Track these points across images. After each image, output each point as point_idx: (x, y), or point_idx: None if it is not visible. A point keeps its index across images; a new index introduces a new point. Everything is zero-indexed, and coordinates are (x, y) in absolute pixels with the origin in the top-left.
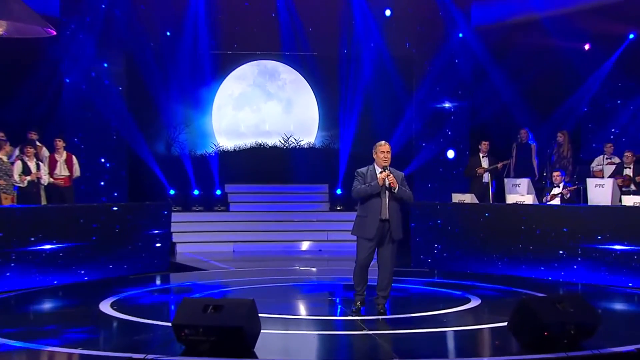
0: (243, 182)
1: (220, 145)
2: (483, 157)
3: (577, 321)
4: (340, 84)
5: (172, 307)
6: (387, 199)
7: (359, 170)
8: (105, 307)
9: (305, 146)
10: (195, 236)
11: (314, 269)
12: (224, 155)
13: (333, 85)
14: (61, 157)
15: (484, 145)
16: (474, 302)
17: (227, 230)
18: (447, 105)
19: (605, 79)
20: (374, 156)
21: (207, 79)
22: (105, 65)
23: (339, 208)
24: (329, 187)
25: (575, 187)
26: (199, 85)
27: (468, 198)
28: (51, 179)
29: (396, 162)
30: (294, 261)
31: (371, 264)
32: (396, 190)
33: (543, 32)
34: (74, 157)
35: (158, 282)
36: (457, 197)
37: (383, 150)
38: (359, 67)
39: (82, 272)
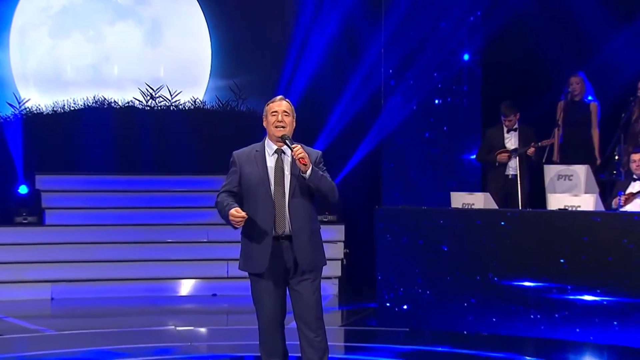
0: (70, 171)
1: (24, 102)
2: (508, 130)
3: None
4: None
5: None
6: (287, 198)
7: (236, 153)
8: None
9: (187, 106)
10: None
11: (202, 330)
12: (34, 122)
13: None
14: None
15: (504, 123)
16: None
17: (40, 260)
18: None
19: None
20: (264, 123)
21: None
22: None
23: None
24: None
25: None
26: None
27: (479, 200)
28: None
29: (349, 138)
30: (167, 315)
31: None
32: (308, 173)
33: None
34: None
35: None
36: (460, 199)
37: (276, 109)
38: None
39: None
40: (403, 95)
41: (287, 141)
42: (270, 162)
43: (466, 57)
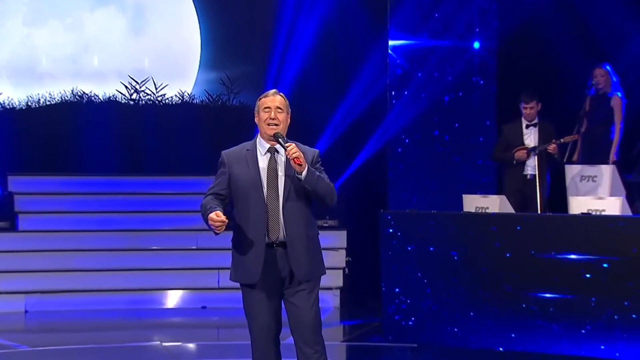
0: (46, 172)
1: None
2: (527, 126)
3: None
4: None
5: None
6: (281, 201)
7: (225, 152)
8: None
9: (175, 100)
10: None
11: (191, 346)
12: (6, 118)
13: None
14: None
15: (526, 111)
16: None
17: (13, 269)
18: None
19: None
20: (256, 119)
21: None
22: None
23: None
24: None
25: None
26: None
27: (494, 203)
28: None
29: (352, 136)
30: (152, 330)
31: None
32: (303, 174)
33: None
34: None
35: None
36: (472, 202)
37: (268, 105)
38: None
39: None
40: (410, 89)
41: (280, 140)
42: (263, 162)
43: (477, 44)
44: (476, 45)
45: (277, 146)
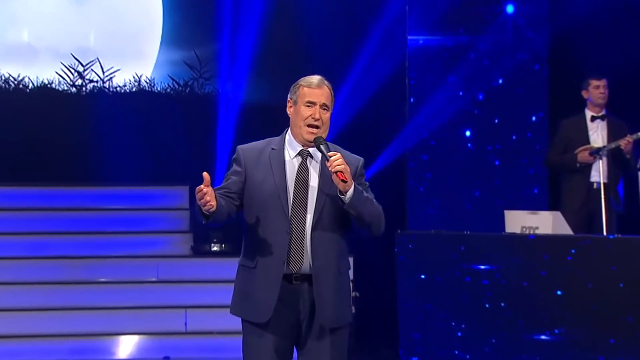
0: None
1: None
2: (593, 119)
3: None
4: None
5: None
6: (309, 222)
7: (243, 148)
8: None
9: (129, 87)
10: None
11: None
12: None
13: None
14: None
15: (598, 90)
16: None
17: None
18: None
19: None
20: (289, 110)
21: None
22: None
23: (216, 249)
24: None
25: None
26: None
27: (546, 222)
28: None
29: (362, 135)
30: None
31: None
32: (349, 194)
33: None
34: None
35: None
36: (518, 220)
37: (313, 100)
38: None
39: None
40: (435, 75)
41: (321, 147)
42: (291, 167)
43: (510, 8)
44: (510, 8)
45: (312, 149)
